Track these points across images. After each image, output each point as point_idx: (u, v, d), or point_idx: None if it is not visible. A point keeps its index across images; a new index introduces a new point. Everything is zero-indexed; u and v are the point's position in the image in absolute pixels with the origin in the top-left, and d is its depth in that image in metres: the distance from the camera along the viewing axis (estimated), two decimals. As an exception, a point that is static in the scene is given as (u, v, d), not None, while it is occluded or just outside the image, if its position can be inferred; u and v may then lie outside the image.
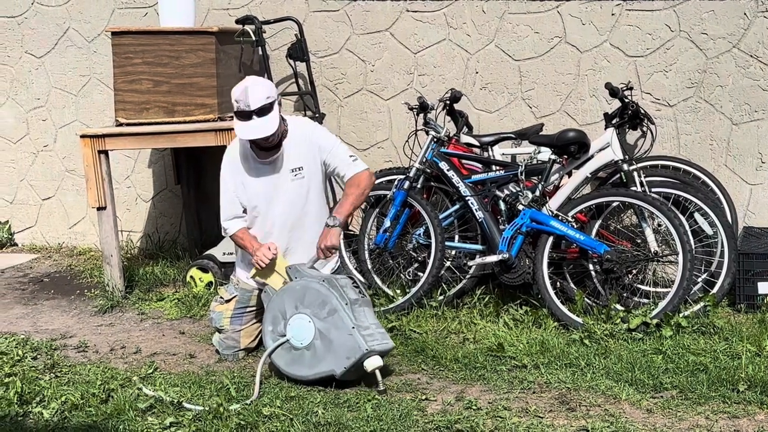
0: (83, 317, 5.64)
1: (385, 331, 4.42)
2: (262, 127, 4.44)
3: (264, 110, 4.44)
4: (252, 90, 4.44)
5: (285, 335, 4.31)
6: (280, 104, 4.56)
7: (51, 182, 7.24)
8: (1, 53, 7.20)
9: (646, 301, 5.01)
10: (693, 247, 4.83)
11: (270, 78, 6.03)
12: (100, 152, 5.71)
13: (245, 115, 4.44)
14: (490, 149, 5.55)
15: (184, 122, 5.66)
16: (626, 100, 5.15)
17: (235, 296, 4.77)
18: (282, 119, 4.58)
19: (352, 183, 4.66)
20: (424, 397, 4.09)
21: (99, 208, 5.78)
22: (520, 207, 5.13)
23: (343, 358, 4.17)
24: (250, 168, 4.66)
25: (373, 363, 4.16)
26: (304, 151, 4.66)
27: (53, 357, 4.80)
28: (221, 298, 4.82)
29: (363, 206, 5.70)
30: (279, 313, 4.36)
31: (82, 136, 5.75)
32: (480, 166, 5.50)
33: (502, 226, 5.21)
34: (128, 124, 5.74)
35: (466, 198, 5.27)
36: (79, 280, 6.39)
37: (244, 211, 4.71)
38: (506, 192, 5.28)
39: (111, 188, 5.81)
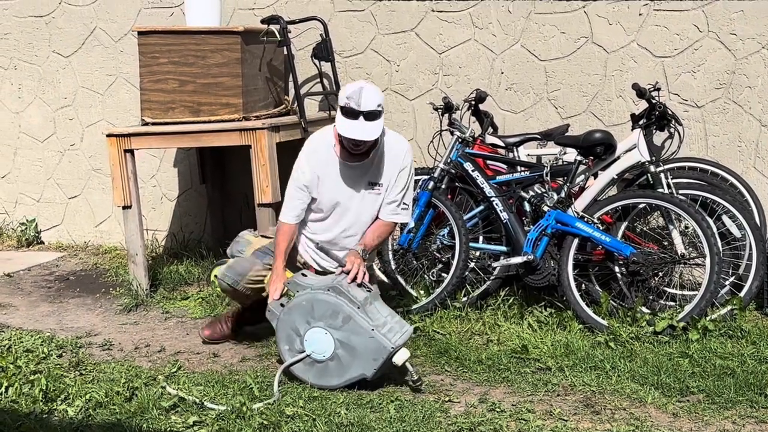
0: (108, 315, 5.67)
1: (400, 318, 4.37)
2: (366, 131, 4.34)
3: (372, 115, 4.32)
4: (366, 91, 4.32)
5: (304, 351, 4.26)
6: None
7: (77, 181, 7.29)
8: (28, 52, 7.26)
9: (672, 304, 4.96)
10: (720, 249, 4.78)
11: (295, 78, 6.03)
12: (125, 151, 5.74)
13: (352, 114, 4.32)
14: (515, 150, 5.52)
15: (210, 122, 5.68)
16: (653, 101, 5.10)
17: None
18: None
19: (388, 225, 4.65)
20: (447, 399, 4.08)
21: (124, 207, 5.82)
22: (546, 208, 5.10)
23: (370, 360, 4.15)
24: (332, 164, 4.54)
25: (401, 357, 4.16)
26: (389, 170, 4.56)
27: (78, 355, 4.83)
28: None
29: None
30: (291, 331, 4.28)
31: (108, 135, 5.78)
32: (505, 166, 5.47)
33: (526, 228, 5.19)
34: (154, 124, 5.77)
35: (491, 199, 5.24)
36: (105, 279, 6.43)
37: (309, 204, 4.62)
38: (531, 193, 5.26)
39: (136, 187, 5.84)
